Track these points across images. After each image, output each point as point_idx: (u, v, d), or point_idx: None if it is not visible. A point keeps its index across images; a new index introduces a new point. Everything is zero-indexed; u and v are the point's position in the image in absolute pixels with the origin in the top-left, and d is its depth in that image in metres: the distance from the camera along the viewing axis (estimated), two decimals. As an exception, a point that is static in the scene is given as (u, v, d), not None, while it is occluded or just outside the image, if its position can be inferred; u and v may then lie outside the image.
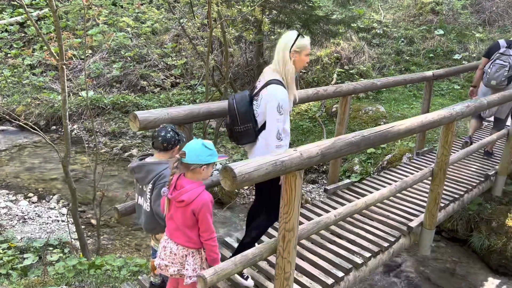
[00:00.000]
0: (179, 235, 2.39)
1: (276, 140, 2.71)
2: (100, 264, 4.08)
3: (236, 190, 6.74)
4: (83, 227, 5.87)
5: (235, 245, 3.43)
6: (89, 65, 11.21)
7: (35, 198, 6.82)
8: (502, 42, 5.31)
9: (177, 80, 11.10)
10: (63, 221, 6.20)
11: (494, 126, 5.72)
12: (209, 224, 2.33)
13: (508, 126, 5.37)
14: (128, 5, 12.94)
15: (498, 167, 5.20)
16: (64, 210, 6.50)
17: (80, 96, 10.16)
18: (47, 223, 6.14)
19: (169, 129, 2.55)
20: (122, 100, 10.10)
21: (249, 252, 2.38)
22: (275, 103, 2.68)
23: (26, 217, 6.22)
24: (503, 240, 5.20)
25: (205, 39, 8.52)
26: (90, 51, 11.63)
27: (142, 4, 12.00)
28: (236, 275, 2.97)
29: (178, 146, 2.58)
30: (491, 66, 5.19)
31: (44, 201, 6.79)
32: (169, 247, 2.42)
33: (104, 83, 11.06)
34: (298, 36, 2.76)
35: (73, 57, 9.74)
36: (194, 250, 2.41)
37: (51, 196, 6.90)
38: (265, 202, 3.01)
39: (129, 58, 11.47)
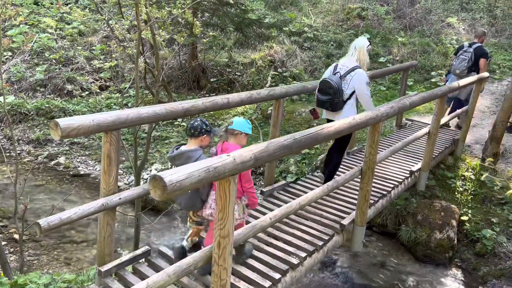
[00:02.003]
0: None
1: (372, 103, 4.24)
2: (23, 283, 3.77)
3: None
4: (4, 243, 5.43)
5: (171, 253, 3.36)
6: (9, 68, 10.41)
7: None
8: (465, 43, 7.00)
9: (107, 84, 10.64)
10: (-19, 238, 5.68)
11: (457, 104, 7.15)
12: (249, 175, 3.06)
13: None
14: (52, 5, 12.23)
15: (421, 164, 5.55)
16: (-18, 226, 5.96)
17: (-2, 101, 9.39)
18: (-38, 241, 5.59)
19: (198, 120, 3.10)
20: (47, 105, 9.48)
21: (184, 262, 2.32)
22: (365, 80, 4.21)
23: None
24: (427, 232, 5.56)
25: (135, 41, 8.25)
26: (9, 53, 10.82)
27: (66, 4, 11.38)
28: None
29: (205, 135, 3.08)
30: (456, 60, 6.88)
31: (-42, 217, 6.19)
32: None
33: (26, 87, 10.31)
34: (370, 42, 4.42)
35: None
36: (237, 199, 2.99)
37: (-34, 212, 6.31)
38: (339, 143, 4.54)
39: (54, 61, 10.81)
